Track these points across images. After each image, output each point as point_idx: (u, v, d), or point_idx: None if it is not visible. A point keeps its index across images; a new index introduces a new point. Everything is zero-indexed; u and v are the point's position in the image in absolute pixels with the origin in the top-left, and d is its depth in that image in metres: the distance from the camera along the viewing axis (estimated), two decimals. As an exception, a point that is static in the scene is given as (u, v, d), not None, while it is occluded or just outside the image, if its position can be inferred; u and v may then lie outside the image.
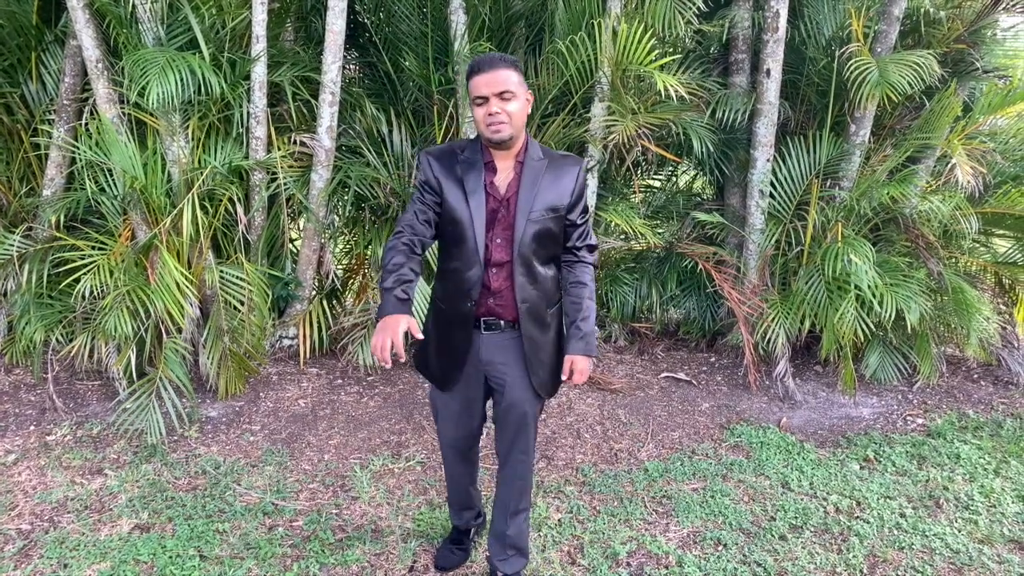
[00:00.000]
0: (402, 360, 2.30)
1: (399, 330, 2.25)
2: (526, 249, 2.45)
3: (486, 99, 2.33)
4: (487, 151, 2.47)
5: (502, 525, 2.81)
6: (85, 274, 4.16)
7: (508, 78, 2.32)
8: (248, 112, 4.68)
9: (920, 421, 4.72)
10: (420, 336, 2.28)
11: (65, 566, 2.98)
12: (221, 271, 4.48)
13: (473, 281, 2.47)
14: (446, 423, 2.75)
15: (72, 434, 4.11)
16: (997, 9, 5.01)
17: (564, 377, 2.56)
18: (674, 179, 6.70)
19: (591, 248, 2.64)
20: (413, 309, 2.45)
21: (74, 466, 3.78)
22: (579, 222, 2.57)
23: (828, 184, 5.29)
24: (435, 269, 2.65)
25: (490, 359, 2.57)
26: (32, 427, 4.17)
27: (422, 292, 4.62)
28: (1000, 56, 5.59)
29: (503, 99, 2.33)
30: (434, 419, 2.81)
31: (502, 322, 2.53)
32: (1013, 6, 5.02)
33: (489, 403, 2.77)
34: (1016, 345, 5.63)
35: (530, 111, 2.48)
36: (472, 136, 2.92)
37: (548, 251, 2.53)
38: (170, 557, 3.03)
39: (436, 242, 2.57)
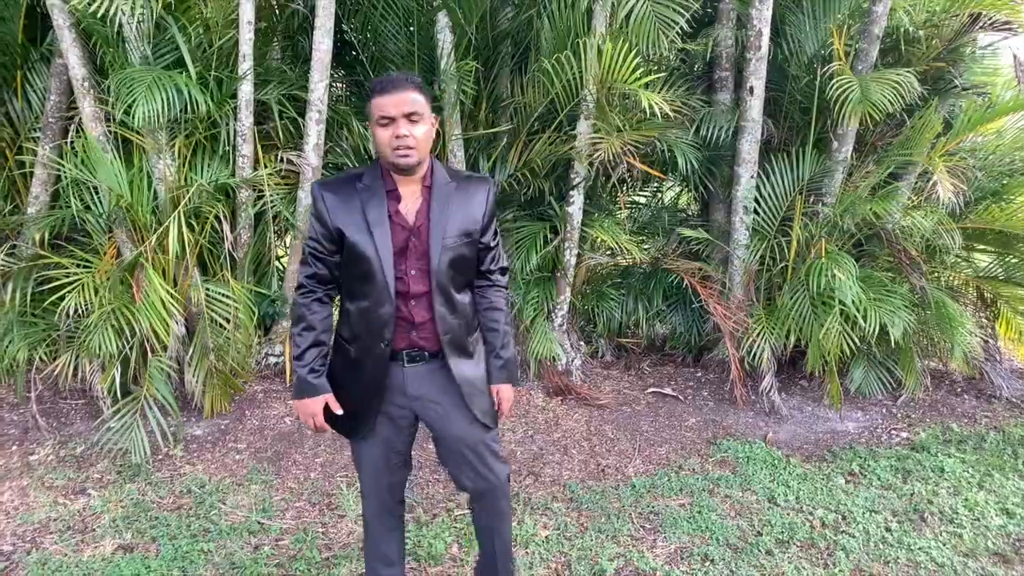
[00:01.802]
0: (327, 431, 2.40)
1: (319, 412, 2.35)
2: (443, 278, 2.29)
3: (392, 119, 2.15)
4: (389, 178, 2.28)
5: (490, 557, 2.64)
6: (70, 292, 4.14)
7: (416, 100, 2.16)
8: (235, 130, 4.68)
9: (904, 435, 4.75)
10: (340, 411, 2.35)
11: (47, 588, 2.95)
12: (207, 289, 4.47)
13: (386, 319, 2.27)
14: (369, 473, 2.50)
15: (55, 453, 4.07)
16: (975, 28, 5.09)
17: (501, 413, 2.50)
18: (659, 195, 6.75)
19: (503, 271, 2.53)
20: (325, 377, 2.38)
21: (57, 486, 3.74)
22: (492, 244, 2.44)
23: (811, 200, 5.34)
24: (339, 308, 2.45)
25: (419, 393, 2.39)
26: (15, 446, 4.13)
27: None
28: (979, 73, 5.67)
29: (411, 121, 2.16)
30: (357, 472, 2.57)
31: (426, 353, 2.36)
32: (991, 24, 5.11)
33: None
34: (999, 359, 5.69)
35: (433, 134, 2.31)
36: (459, 156, 2.81)
37: (464, 277, 2.39)
38: (154, 578, 3.00)
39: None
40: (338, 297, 2.44)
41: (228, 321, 4.47)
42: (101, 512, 3.51)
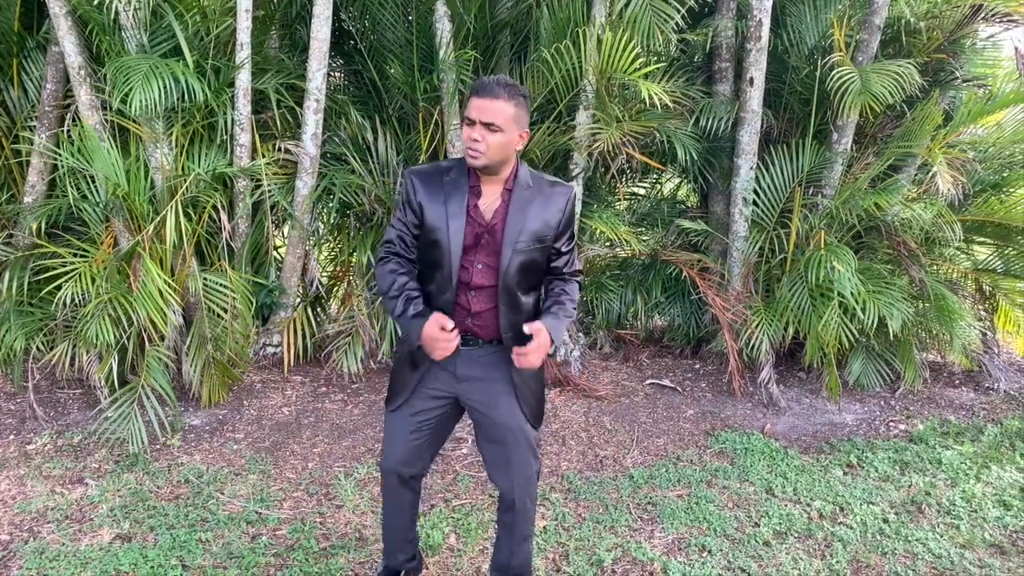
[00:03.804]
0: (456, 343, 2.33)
1: (440, 336, 2.28)
2: (511, 280, 2.37)
3: (472, 124, 2.27)
4: (473, 174, 2.39)
5: (507, 554, 2.66)
6: (67, 281, 4.12)
7: (502, 111, 2.25)
8: (232, 119, 4.66)
9: (902, 427, 4.75)
10: (451, 325, 2.30)
11: (45, 577, 2.95)
12: (205, 278, 4.45)
13: (446, 307, 2.38)
14: (393, 444, 2.57)
15: (53, 443, 4.06)
16: (976, 19, 5.07)
17: (520, 352, 2.36)
18: (659, 187, 6.73)
19: (576, 273, 2.58)
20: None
21: (54, 475, 3.74)
22: (564, 250, 2.51)
23: (811, 192, 5.34)
24: None
25: (468, 374, 2.47)
26: (12, 436, 4.12)
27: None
28: (979, 65, 5.66)
29: (489, 130, 2.26)
30: (384, 441, 2.65)
31: (480, 340, 2.45)
32: (992, 16, 5.09)
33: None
34: (997, 351, 5.69)
35: (523, 147, 2.40)
36: (457, 146, 2.87)
37: (531, 281, 2.46)
38: (152, 567, 3.00)
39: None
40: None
41: (226, 311, 4.46)
42: (99, 501, 3.50)
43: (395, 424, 2.56)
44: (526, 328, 2.33)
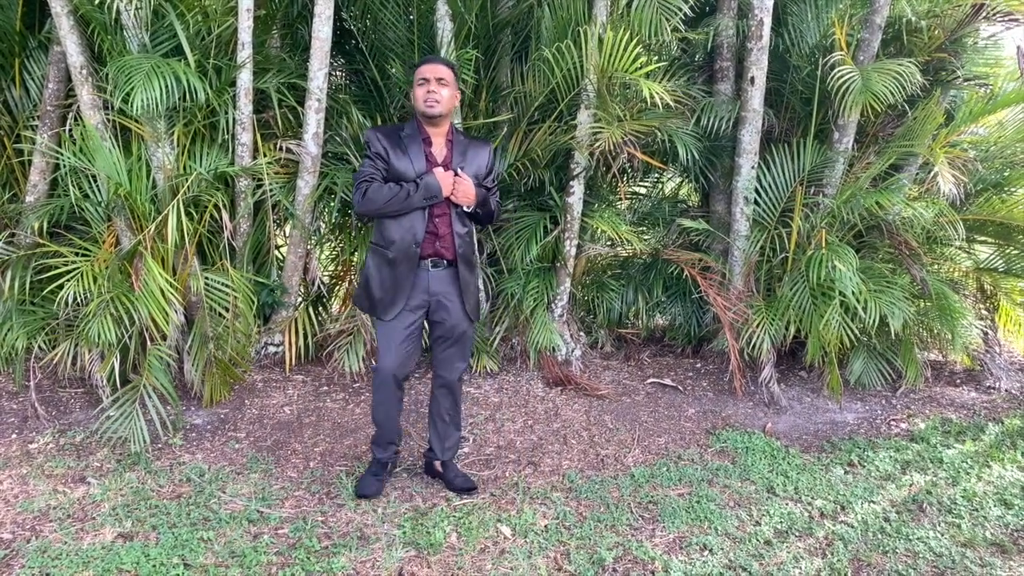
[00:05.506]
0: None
1: (446, 174, 3.22)
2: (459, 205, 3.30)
3: (427, 80, 3.17)
4: (423, 128, 3.29)
5: (452, 420, 3.65)
6: (68, 281, 4.13)
7: (446, 71, 3.21)
8: (234, 118, 4.66)
9: (904, 426, 4.75)
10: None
11: (47, 575, 2.95)
12: (206, 277, 4.46)
13: (418, 227, 3.22)
14: (390, 349, 3.30)
15: (55, 442, 4.07)
16: (978, 18, 5.06)
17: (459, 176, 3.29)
18: (660, 186, 6.73)
19: (497, 202, 3.55)
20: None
21: (56, 474, 3.74)
22: (490, 186, 3.46)
23: (812, 191, 5.33)
24: (375, 224, 3.38)
25: (438, 290, 3.34)
26: (14, 435, 4.13)
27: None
28: (981, 64, 5.65)
29: (440, 84, 3.18)
30: (379, 354, 3.34)
31: (445, 261, 3.33)
32: (993, 15, 5.09)
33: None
34: (998, 350, 5.69)
35: (457, 104, 3.36)
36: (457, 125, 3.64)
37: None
38: (154, 566, 3.00)
39: None
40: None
41: (227, 310, 4.46)
42: (101, 500, 3.51)
43: (390, 334, 3.31)
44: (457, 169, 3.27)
